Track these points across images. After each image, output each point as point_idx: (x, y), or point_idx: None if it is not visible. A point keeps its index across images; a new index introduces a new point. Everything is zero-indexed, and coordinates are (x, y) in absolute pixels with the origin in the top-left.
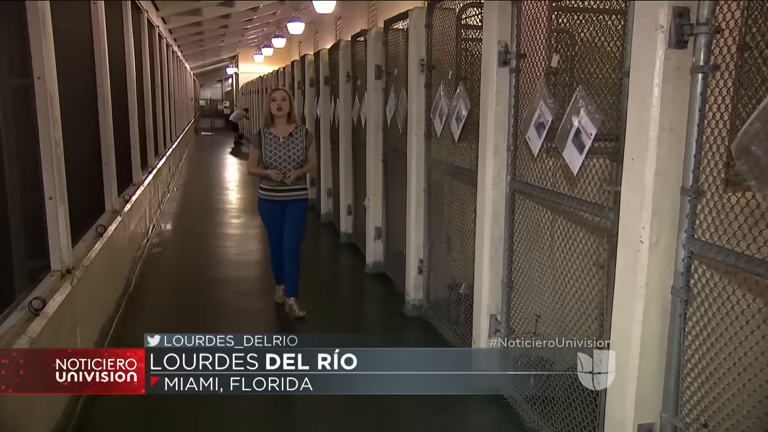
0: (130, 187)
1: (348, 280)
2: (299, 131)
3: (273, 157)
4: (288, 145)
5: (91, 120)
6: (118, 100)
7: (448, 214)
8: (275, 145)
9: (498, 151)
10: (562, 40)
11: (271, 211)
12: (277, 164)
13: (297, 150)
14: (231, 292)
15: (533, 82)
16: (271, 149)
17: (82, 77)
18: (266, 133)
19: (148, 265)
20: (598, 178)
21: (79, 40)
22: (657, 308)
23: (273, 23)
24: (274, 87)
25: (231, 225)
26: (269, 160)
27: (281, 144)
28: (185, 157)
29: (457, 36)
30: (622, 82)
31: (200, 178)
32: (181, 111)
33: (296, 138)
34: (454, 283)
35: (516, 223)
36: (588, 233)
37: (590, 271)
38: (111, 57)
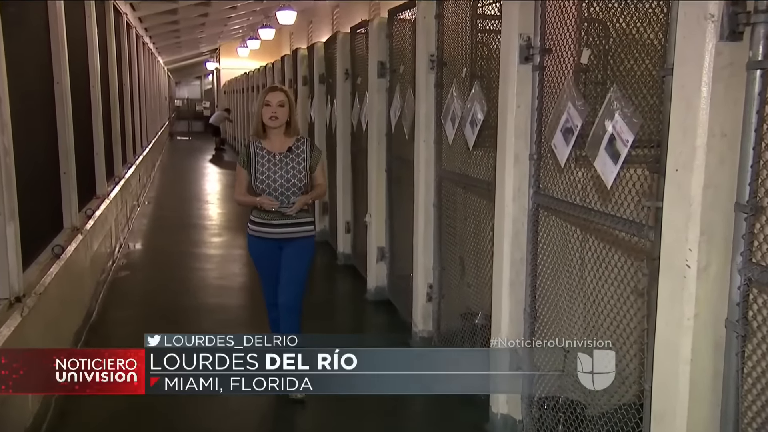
0: (94, 201)
1: (346, 309)
2: (302, 144)
3: (266, 181)
4: (287, 164)
5: (47, 123)
6: (80, 100)
7: (461, 232)
8: (269, 164)
9: (519, 161)
10: (594, 31)
11: (265, 252)
12: (272, 190)
13: (299, 170)
14: (211, 322)
15: (560, 80)
16: (263, 170)
17: (36, 73)
18: (257, 148)
19: (114, 291)
20: (635, 192)
21: (33, 30)
22: (708, 345)
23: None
24: (270, 85)
25: (211, 244)
26: (261, 185)
27: (277, 163)
28: (158, 166)
29: (473, 28)
30: (665, 81)
31: (175, 189)
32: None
33: (298, 154)
34: (468, 312)
35: (540, 244)
36: (624, 255)
37: (627, 299)
38: (71, 49)
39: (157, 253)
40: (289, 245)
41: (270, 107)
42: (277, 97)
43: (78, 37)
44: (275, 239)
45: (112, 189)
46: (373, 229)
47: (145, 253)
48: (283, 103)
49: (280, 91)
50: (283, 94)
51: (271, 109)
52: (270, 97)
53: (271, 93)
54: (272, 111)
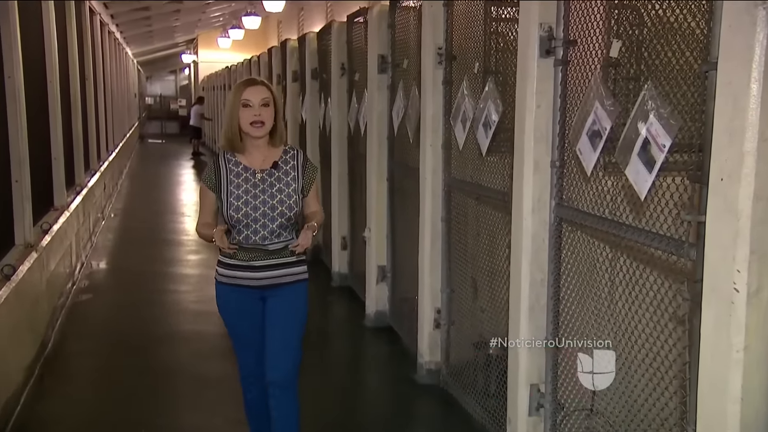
0: (51, 213)
1: (342, 337)
2: (291, 159)
3: (243, 209)
4: (272, 186)
5: None
6: (35, 97)
7: (473, 249)
8: (247, 186)
9: (539, 168)
10: (626, 19)
11: (243, 306)
12: (252, 221)
13: (288, 194)
14: (187, 352)
15: (586, 76)
16: (239, 193)
17: None
18: (230, 163)
19: (74, 317)
20: (673, 204)
21: None
22: (761, 381)
23: None
24: (246, 78)
25: (187, 263)
26: (237, 214)
27: (259, 183)
28: (126, 173)
29: (486, 16)
30: (708, 76)
31: (146, 200)
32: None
33: (287, 171)
34: (481, 340)
35: (563, 263)
36: (661, 277)
37: (665, 328)
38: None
39: (124, 273)
40: (276, 295)
41: (250, 108)
42: (259, 94)
43: (33, 26)
44: (257, 287)
45: (72, 199)
46: (373, 245)
47: (110, 274)
48: (267, 101)
49: (262, 85)
50: (265, 89)
51: (253, 111)
52: (250, 94)
53: (250, 88)
54: (255, 114)
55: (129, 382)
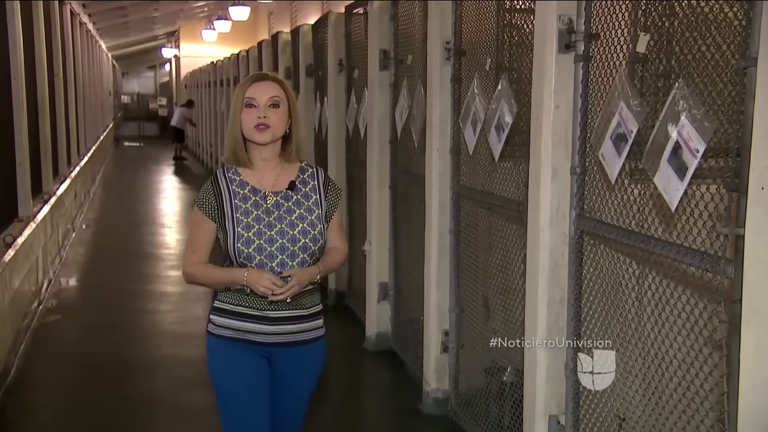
0: (15, 225)
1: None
2: (310, 178)
3: (256, 241)
4: (290, 212)
5: None
6: None
7: (484, 265)
8: (258, 212)
9: (558, 175)
10: (655, 10)
11: (245, 368)
12: (266, 257)
13: (311, 222)
14: (167, 380)
15: (610, 74)
16: (249, 221)
17: None
18: (233, 183)
19: (40, 341)
20: (708, 215)
21: None
22: None
23: None
24: (255, 73)
25: (167, 279)
26: (247, 248)
27: (272, 209)
28: (100, 180)
29: (499, 7)
30: (747, 73)
31: (122, 209)
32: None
33: (306, 194)
34: (494, 366)
35: (585, 280)
36: (695, 296)
37: (700, 353)
38: None
39: (96, 291)
40: (288, 356)
41: (255, 109)
42: (267, 92)
43: None
44: (266, 344)
45: (39, 209)
46: (374, 260)
47: (81, 292)
48: (276, 101)
49: (273, 81)
50: (276, 87)
51: (257, 112)
52: (254, 91)
53: (256, 84)
54: (259, 115)
55: (102, 414)
